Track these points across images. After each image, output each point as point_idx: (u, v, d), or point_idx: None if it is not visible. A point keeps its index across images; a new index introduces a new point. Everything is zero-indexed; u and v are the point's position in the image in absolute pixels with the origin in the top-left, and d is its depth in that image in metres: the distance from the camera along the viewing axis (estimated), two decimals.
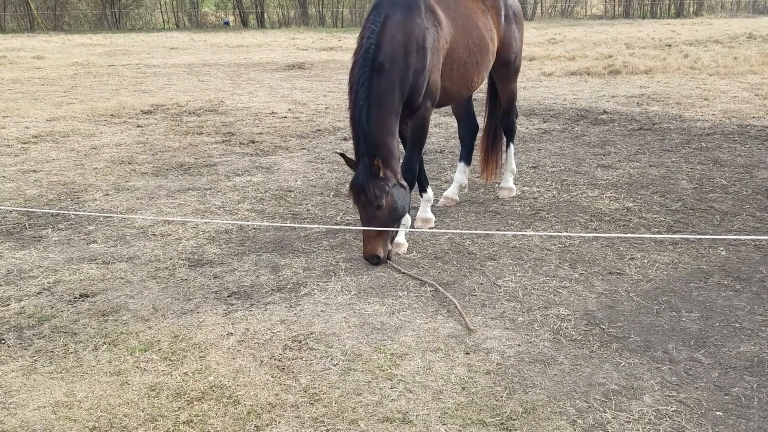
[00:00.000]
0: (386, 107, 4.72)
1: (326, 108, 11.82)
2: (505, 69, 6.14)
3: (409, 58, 4.81)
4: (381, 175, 4.64)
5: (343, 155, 4.87)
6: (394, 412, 3.18)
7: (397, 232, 5.02)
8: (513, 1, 6.14)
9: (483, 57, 5.55)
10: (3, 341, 3.89)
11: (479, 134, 6.55)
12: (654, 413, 3.15)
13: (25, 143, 9.05)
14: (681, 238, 5.20)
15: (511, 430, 3.05)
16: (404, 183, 4.91)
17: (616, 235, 5.21)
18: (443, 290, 4.41)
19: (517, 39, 6.15)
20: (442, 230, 5.53)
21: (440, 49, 5.08)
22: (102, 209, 6.27)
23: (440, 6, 5.18)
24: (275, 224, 5.68)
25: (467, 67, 5.41)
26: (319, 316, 4.14)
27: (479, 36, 5.48)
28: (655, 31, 29.64)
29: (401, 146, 5.26)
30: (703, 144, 8.52)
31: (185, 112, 11.49)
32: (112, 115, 11.15)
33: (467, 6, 5.52)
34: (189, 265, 4.95)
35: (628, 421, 3.09)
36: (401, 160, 5.16)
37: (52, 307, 4.32)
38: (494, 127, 6.46)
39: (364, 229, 4.78)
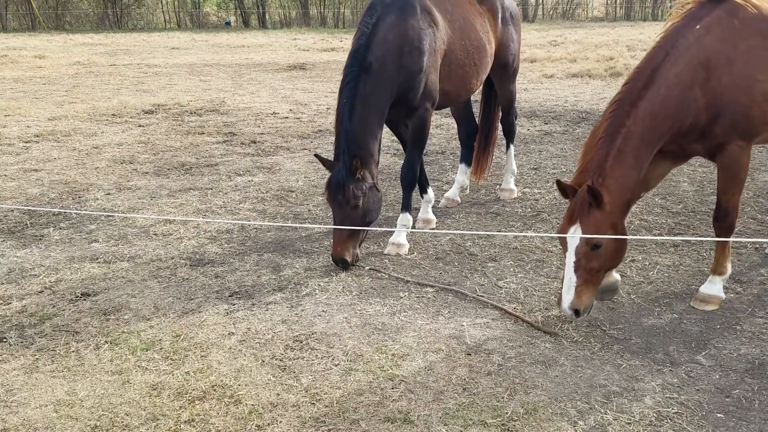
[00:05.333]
0: (370, 107, 4.74)
1: (327, 108, 11.82)
2: (504, 71, 6.14)
3: (401, 59, 4.82)
4: (358, 176, 4.64)
5: (318, 156, 4.89)
6: (395, 412, 3.18)
7: (365, 236, 4.96)
8: (510, 4, 6.14)
9: (481, 59, 5.55)
10: (5, 340, 3.89)
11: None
12: (655, 415, 3.15)
13: (26, 142, 9.06)
14: (682, 240, 5.21)
15: (512, 430, 3.05)
16: (379, 187, 4.92)
17: (618, 236, 5.20)
18: (506, 308, 4.23)
19: (515, 41, 6.16)
20: (443, 231, 5.54)
21: (437, 50, 5.09)
22: (103, 208, 6.28)
23: (437, 8, 5.19)
24: (276, 224, 5.68)
25: (465, 68, 5.41)
26: (320, 316, 4.15)
27: (477, 38, 5.48)
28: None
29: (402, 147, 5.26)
30: None
31: (187, 111, 11.49)
32: (113, 115, 11.15)
33: (464, 8, 5.52)
34: (190, 265, 4.96)
35: (629, 423, 3.09)
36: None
37: (54, 306, 4.32)
38: (488, 128, 6.45)
39: (365, 230, 4.78)
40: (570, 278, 3.65)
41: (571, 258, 3.65)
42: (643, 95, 3.72)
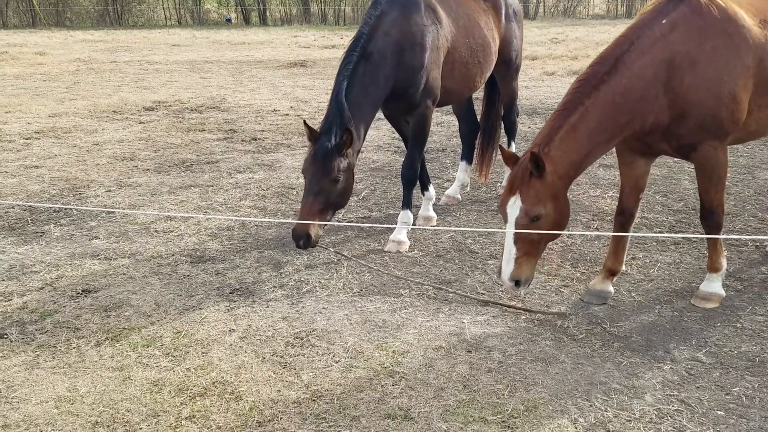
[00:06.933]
0: (366, 94, 4.71)
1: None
2: (506, 68, 6.14)
3: (401, 55, 4.81)
4: (344, 152, 4.48)
5: (306, 123, 4.64)
6: (395, 408, 3.19)
7: (332, 218, 4.70)
8: (513, 0, 6.15)
9: (486, 56, 5.55)
10: (5, 336, 3.90)
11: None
12: (655, 412, 3.16)
13: (27, 139, 9.06)
14: (683, 237, 5.21)
15: (512, 428, 3.06)
16: (354, 172, 4.74)
17: (618, 234, 5.20)
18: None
19: (518, 37, 6.15)
20: (444, 228, 5.54)
21: (440, 47, 5.09)
22: (104, 205, 6.28)
23: (441, 5, 5.18)
24: (277, 221, 5.68)
25: (469, 66, 5.41)
26: (321, 313, 4.15)
27: (481, 35, 5.48)
28: None
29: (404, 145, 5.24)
30: None
31: (187, 108, 11.49)
32: (114, 112, 11.15)
33: (469, 6, 5.52)
34: (191, 262, 4.96)
35: (629, 420, 3.10)
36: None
37: (55, 303, 4.32)
38: (490, 126, 6.44)
39: (363, 226, 4.77)
40: (510, 250, 3.59)
41: (511, 229, 3.60)
42: (606, 80, 3.69)
